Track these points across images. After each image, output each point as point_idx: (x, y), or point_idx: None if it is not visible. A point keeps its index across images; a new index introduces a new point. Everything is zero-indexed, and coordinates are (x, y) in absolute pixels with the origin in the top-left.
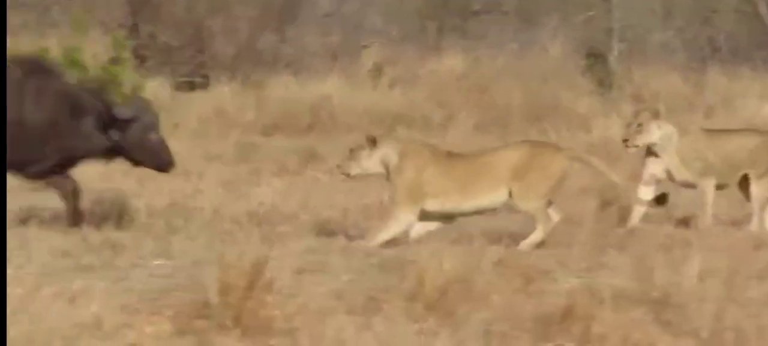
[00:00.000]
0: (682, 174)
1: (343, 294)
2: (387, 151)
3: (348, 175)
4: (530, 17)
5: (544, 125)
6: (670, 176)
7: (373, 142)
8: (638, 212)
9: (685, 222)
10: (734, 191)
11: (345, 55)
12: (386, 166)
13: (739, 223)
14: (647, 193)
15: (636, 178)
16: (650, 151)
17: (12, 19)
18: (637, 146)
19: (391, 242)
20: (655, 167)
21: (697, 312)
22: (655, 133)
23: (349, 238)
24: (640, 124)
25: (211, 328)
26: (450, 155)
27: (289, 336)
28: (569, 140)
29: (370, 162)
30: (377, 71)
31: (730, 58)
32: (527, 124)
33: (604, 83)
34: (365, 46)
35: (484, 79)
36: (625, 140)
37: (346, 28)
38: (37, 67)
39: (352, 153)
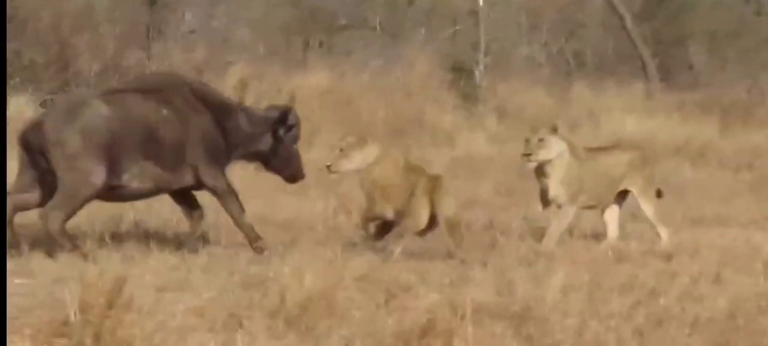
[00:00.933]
0: (558, 193)
1: (205, 312)
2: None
3: (537, 161)
4: (397, 33)
5: (407, 140)
6: (544, 195)
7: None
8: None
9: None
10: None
11: (211, 71)
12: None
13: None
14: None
15: (503, 193)
16: (540, 169)
17: None
18: (539, 161)
19: (255, 259)
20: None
21: (559, 326)
22: (555, 148)
23: (212, 255)
24: (541, 139)
25: None
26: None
27: None
28: (434, 156)
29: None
30: (242, 87)
31: (596, 72)
32: (390, 139)
33: (469, 98)
34: (231, 63)
35: (348, 94)
36: (527, 155)
37: (213, 44)
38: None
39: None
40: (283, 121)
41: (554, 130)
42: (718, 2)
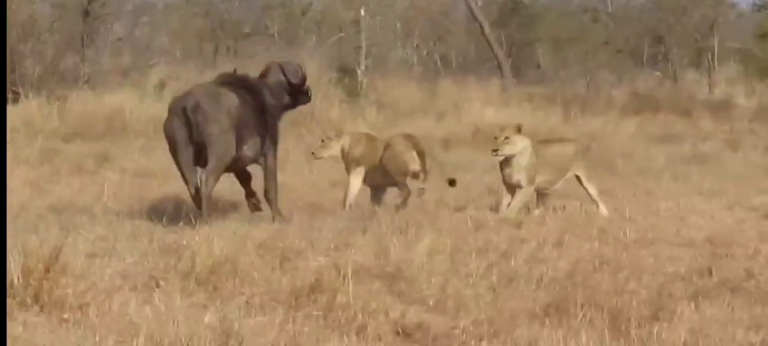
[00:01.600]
0: (520, 178)
1: (128, 274)
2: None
3: (503, 155)
4: (292, 39)
5: (301, 130)
6: (509, 180)
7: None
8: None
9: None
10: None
11: (135, 72)
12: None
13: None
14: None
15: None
16: (507, 161)
17: None
18: (504, 155)
19: (171, 229)
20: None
21: (426, 283)
22: (519, 145)
23: (135, 226)
24: (507, 138)
25: (13, 305)
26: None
27: (80, 311)
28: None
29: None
30: (161, 86)
31: (459, 70)
32: (288, 129)
33: (352, 93)
34: (152, 65)
35: None
36: (495, 150)
37: (138, 49)
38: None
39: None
40: (294, 85)
41: (518, 129)
42: (562, 11)
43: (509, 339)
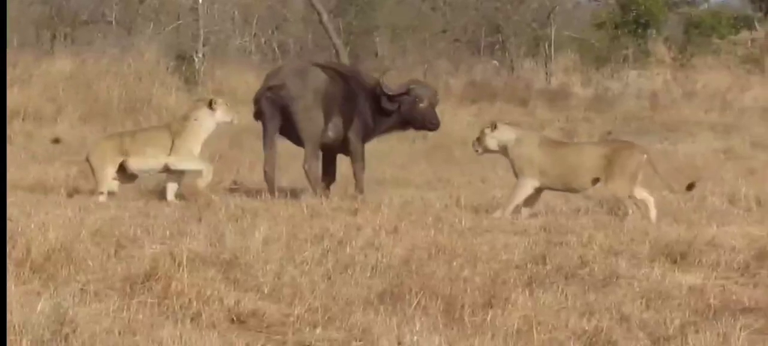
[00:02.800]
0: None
1: None
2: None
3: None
4: (130, 26)
5: (138, 117)
6: None
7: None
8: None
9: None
10: None
11: None
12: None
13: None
14: None
15: (216, 159)
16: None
17: None
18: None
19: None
20: None
21: (261, 271)
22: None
23: None
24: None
25: None
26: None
27: None
28: None
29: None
30: None
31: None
32: (125, 116)
33: (190, 81)
34: None
35: (89, 78)
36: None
37: None
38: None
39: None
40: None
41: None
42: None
43: (344, 326)
